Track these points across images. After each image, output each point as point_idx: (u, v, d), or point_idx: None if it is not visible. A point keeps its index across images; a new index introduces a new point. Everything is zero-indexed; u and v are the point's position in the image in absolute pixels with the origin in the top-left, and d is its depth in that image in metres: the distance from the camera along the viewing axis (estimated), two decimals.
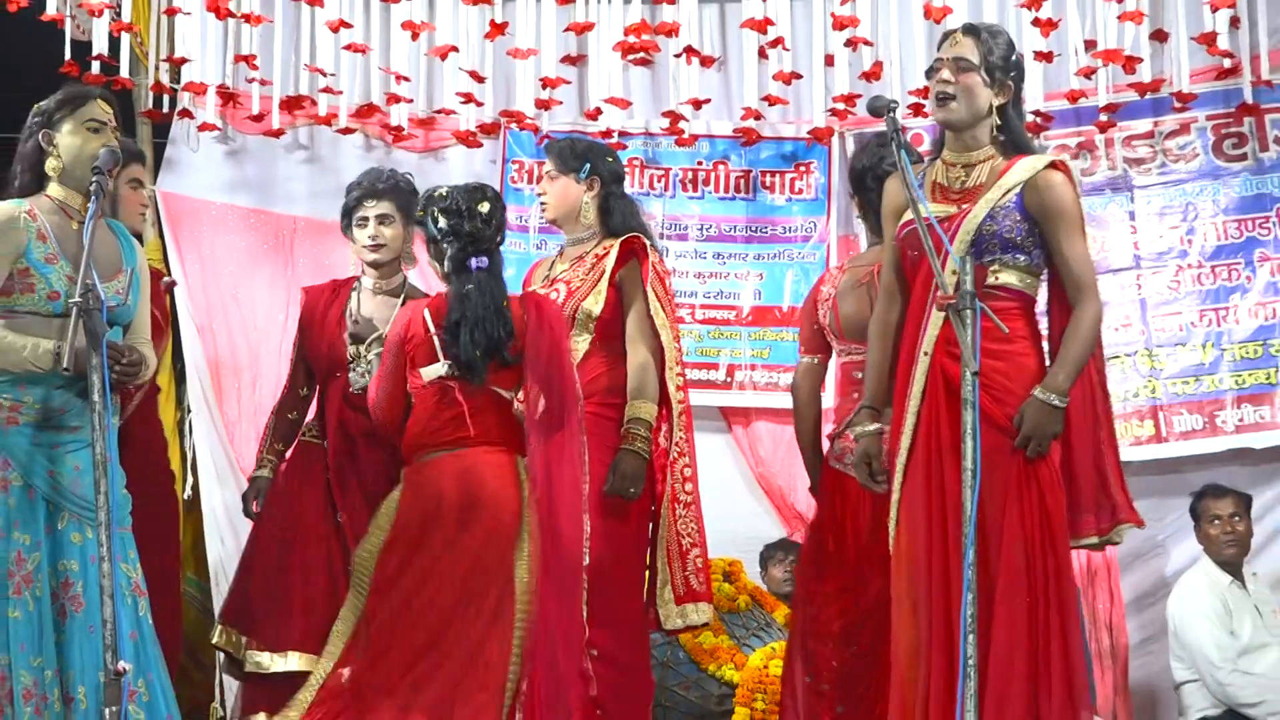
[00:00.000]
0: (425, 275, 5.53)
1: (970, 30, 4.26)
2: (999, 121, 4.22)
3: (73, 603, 4.04)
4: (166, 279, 5.24)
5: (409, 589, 4.66)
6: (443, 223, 4.77)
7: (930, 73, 4.27)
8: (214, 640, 5.20)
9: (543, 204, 5.28)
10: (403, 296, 5.25)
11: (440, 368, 4.73)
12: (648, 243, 5.11)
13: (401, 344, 4.83)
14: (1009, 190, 4.16)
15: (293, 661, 5.13)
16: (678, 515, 5.04)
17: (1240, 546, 6.19)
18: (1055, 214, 4.15)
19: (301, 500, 5.22)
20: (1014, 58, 4.27)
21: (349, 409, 5.15)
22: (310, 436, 5.28)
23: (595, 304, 4.99)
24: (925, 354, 4.18)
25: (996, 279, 4.13)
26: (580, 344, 4.99)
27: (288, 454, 5.30)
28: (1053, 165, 4.19)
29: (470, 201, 4.81)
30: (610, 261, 5.04)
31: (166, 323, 5.34)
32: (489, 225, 4.82)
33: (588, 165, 5.16)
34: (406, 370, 4.82)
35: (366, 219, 5.22)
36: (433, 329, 4.74)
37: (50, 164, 4.25)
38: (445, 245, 4.78)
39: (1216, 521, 6.17)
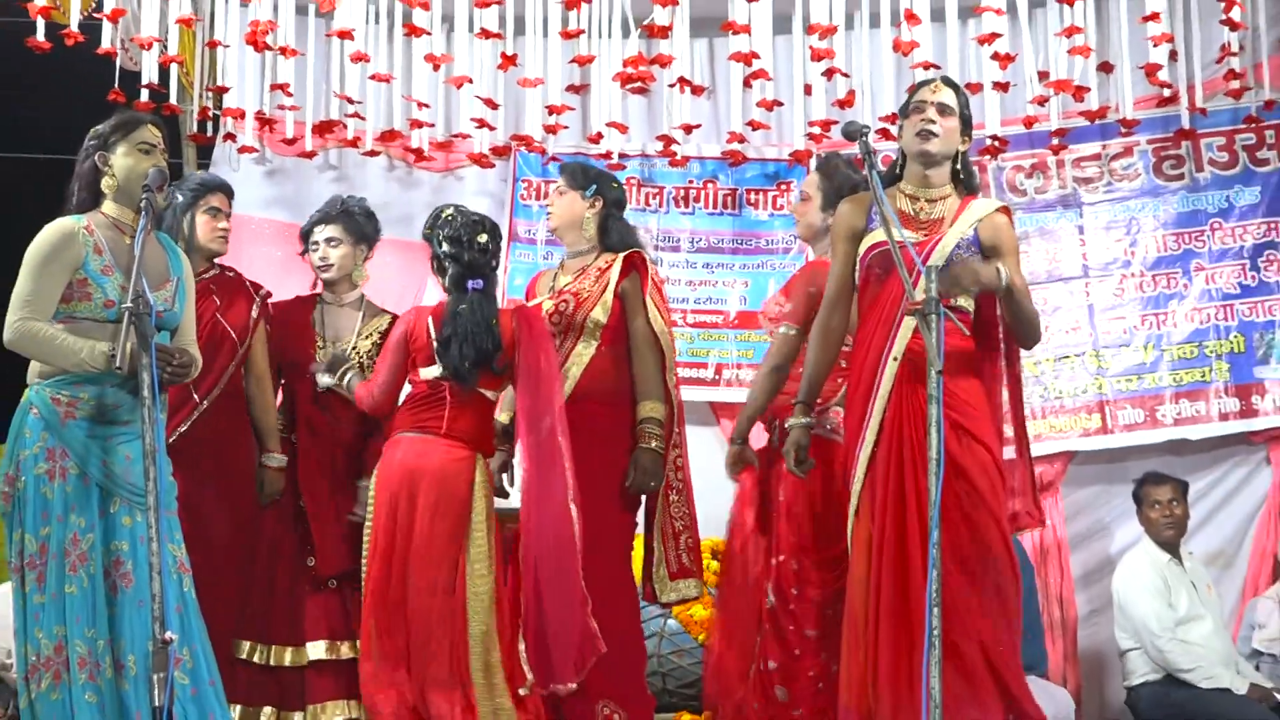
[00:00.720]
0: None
1: (949, 83, 4.44)
2: (958, 166, 4.40)
3: (123, 579, 4.04)
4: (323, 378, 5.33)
5: (386, 576, 4.81)
6: (446, 247, 4.98)
7: (912, 110, 4.38)
8: (241, 656, 5.19)
9: (549, 213, 5.36)
10: (361, 310, 5.41)
11: (436, 370, 4.89)
12: (647, 257, 5.18)
13: (405, 344, 4.99)
14: (971, 224, 4.31)
15: (286, 656, 5.23)
16: (671, 501, 5.11)
17: (1178, 529, 6.21)
18: (1005, 249, 4.32)
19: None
20: (971, 116, 4.47)
21: (315, 407, 5.29)
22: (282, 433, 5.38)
23: (602, 313, 5.05)
24: (895, 359, 4.24)
25: (956, 301, 4.22)
26: (588, 350, 5.05)
27: None
28: (1001, 209, 4.39)
29: (472, 233, 5.01)
30: (614, 274, 5.09)
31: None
32: (485, 254, 5.03)
33: (594, 186, 5.23)
34: (407, 367, 4.98)
35: (317, 243, 5.36)
36: (433, 335, 4.89)
37: (105, 183, 4.27)
38: (447, 265, 4.97)
39: (1157, 506, 6.19)
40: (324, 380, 5.16)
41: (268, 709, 5.18)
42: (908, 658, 4.05)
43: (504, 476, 5.23)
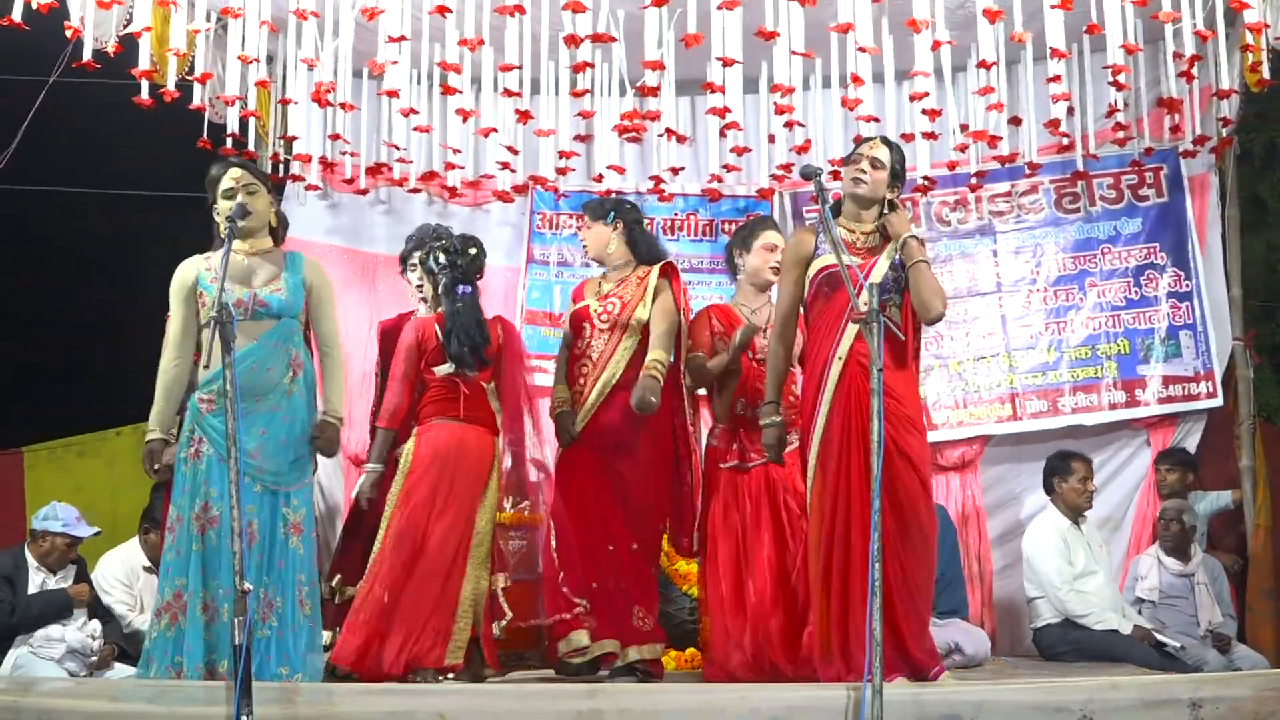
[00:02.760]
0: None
1: (887, 142, 4.50)
2: (886, 209, 4.43)
3: (249, 538, 4.15)
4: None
5: (411, 525, 4.82)
6: (442, 259, 5.03)
7: (851, 159, 4.41)
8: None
9: (584, 246, 5.36)
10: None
11: (448, 366, 4.89)
12: (675, 265, 5.25)
13: (416, 350, 5.02)
14: (894, 250, 4.36)
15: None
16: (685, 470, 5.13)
17: (1089, 501, 6.21)
18: (913, 254, 4.34)
19: None
20: (903, 172, 4.51)
21: None
22: None
23: (644, 313, 5.05)
24: (840, 359, 4.25)
25: (886, 312, 4.21)
26: (631, 343, 5.04)
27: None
28: (912, 236, 4.38)
29: (464, 246, 5.14)
30: (653, 280, 5.09)
31: None
32: (474, 265, 5.13)
33: (612, 213, 5.21)
34: (419, 369, 5.01)
35: (415, 265, 5.38)
36: (439, 338, 4.91)
37: (216, 226, 4.42)
38: (440, 275, 5.01)
39: (1079, 482, 6.16)
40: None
41: None
42: (858, 604, 4.04)
43: None
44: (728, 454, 5.07)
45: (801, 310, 4.51)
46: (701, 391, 5.27)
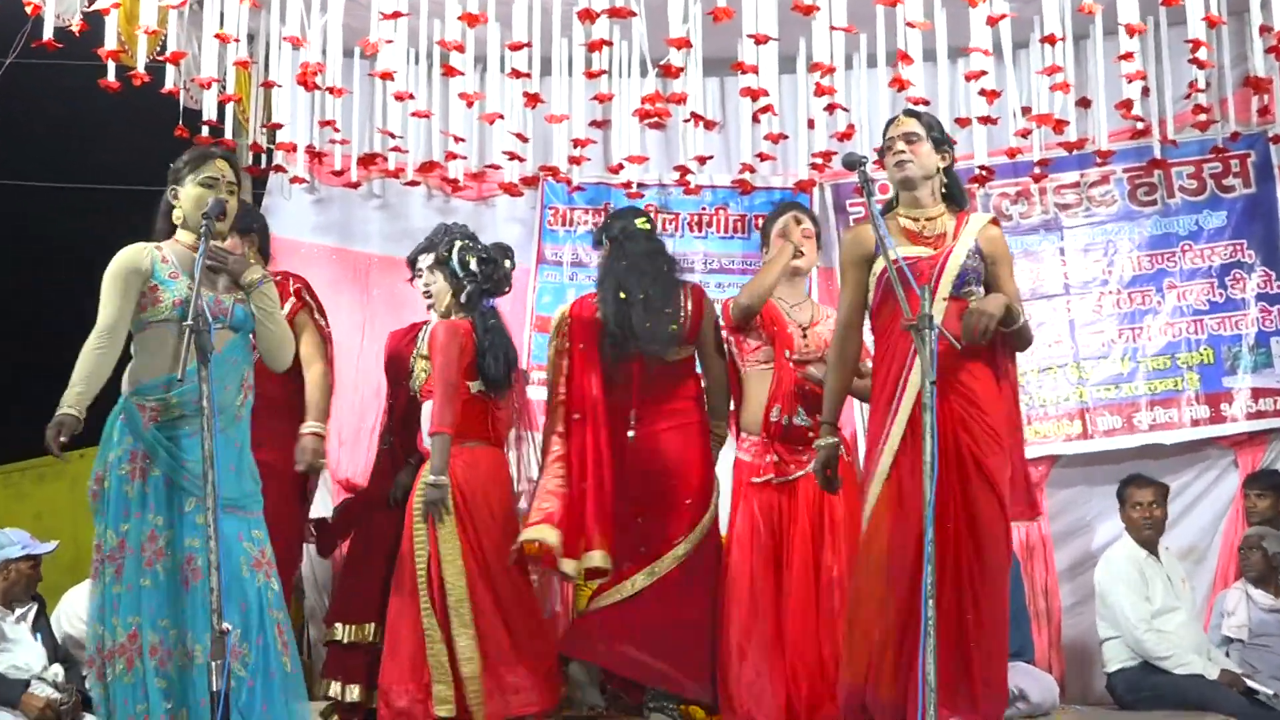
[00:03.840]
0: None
1: (910, 112, 4.42)
2: (945, 180, 4.34)
3: (194, 574, 4.04)
4: None
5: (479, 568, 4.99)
6: (474, 265, 5.01)
7: (885, 149, 4.36)
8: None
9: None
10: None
11: (478, 383, 4.93)
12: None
13: (461, 359, 5.01)
14: (973, 235, 4.27)
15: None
16: None
17: (1156, 529, 6.16)
18: (1002, 258, 4.31)
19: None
20: (945, 133, 4.42)
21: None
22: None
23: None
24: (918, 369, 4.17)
25: (968, 305, 4.15)
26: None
27: None
28: (992, 220, 4.35)
29: (501, 257, 5.21)
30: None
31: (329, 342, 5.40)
32: (506, 280, 5.23)
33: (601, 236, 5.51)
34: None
35: (422, 270, 5.40)
36: (475, 351, 4.94)
37: (175, 213, 4.29)
38: (467, 282, 4.99)
39: (1138, 507, 6.13)
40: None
41: None
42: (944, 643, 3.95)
43: None
44: (761, 468, 5.03)
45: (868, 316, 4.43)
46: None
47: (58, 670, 5.64)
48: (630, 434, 5.11)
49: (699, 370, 5.37)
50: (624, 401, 5.17)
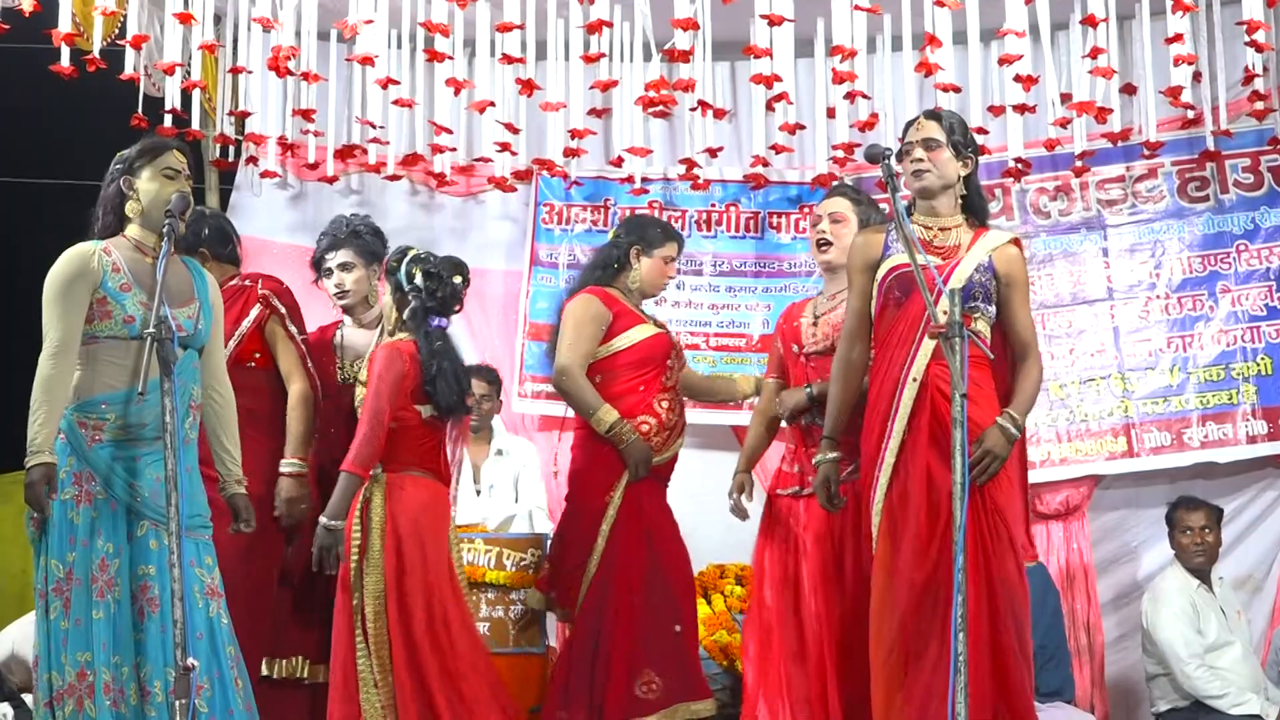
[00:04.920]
0: None
1: (932, 115, 4.44)
2: (964, 191, 4.39)
3: (150, 604, 4.03)
4: None
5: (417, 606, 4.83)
6: (420, 280, 4.90)
7: (903, 154, 4.39)
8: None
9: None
10: (379, 329, 5.29)
11: (429, 408, 4.87)
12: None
13: (403, 384, 4.87)
14: (987, 251, 4.33)
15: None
16: None
17: (1208, 556, 6.17)
18: (1018, 281, 4.37)
19: None
20: (970, 136, 4.44)
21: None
22: None
23: None
24: (914, 380, 4.22)
25: (972, 325, 4.20)
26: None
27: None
28: (1013, 240, 4.41)
29: (451, 273, 4.99)
30: None
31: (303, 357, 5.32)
32: (455, 298, 5.02)
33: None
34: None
35: (330, 269, 5.36)
36: (421, 374, 4.86)
37: (130, 207, 4.27)
38: (412, 299, 4.90)
39: (1189, 532, 6.15)
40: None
41: None
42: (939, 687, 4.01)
43: None
44: (787, 477, 5.08)
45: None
46: None
47: (6, 709, 5.67)
48: None
49: None
50: None
